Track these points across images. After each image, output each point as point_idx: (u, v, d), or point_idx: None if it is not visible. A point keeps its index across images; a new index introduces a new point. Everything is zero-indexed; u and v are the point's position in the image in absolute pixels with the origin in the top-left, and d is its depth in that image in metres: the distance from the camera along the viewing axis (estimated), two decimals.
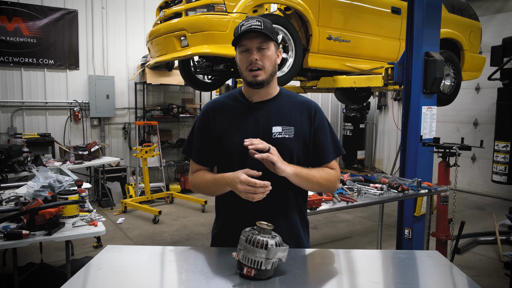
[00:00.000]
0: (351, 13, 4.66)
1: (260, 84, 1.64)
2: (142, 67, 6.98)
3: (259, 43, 1.62)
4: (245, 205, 1.62)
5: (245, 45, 1.62)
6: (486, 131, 7.75)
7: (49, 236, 2.61)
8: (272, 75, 1.68)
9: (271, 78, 1.68)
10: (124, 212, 6.21)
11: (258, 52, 1.62)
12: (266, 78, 1.64)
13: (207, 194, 1.78)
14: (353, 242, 5.14)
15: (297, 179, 1.60)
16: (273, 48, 1.66)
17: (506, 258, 4.48)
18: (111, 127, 7.20)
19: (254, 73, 1.62)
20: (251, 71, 1.62)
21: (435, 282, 1.40)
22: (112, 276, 1.40)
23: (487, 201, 7.46)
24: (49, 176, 3.36)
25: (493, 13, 7.73)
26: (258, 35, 1.61)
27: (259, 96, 1.70)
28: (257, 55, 1.61)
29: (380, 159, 9.96)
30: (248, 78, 1.64)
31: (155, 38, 4.24)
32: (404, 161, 3.98)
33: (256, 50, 1.62)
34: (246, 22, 1.63)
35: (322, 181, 1.66)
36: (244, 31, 1.60)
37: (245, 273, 1.36)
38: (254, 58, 1.61)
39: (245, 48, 1.62)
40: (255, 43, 1.61)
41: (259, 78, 1.62)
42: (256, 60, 1.61)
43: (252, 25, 1.60)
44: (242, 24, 1.63)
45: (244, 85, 1.74)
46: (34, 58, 6.31)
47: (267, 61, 1.63)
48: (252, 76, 1.62)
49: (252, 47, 1.61)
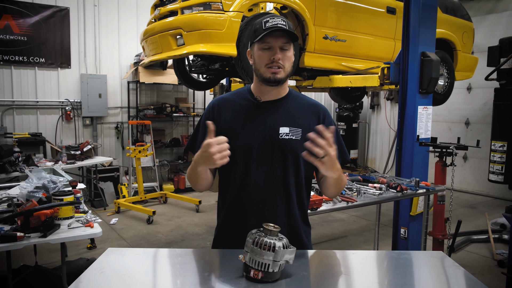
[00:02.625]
0: (347, 13, 4.66)
1: (278, 82, 1.62)
2: (135, 66, 6.91)
3: (283, 43, 1.59)
4: (246, 204, 1.61)
5: (269, 42, 1.59)
6: (477, 130, 7.84)
7: (45, 238, 2.57)
8: (289, 75, 1.66)
9: (287, 78, 1.66)
10: (117, 212, 6.14)
11: (280, 51, 1.59)
12: (284, 77, 1.62)
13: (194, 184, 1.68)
14: (348, 241, 5.15)
15: (336, 180, 1.58)
16: (293, 50, 1.64)
17: (499, 256, 4.53)
18: (104, 126, 7.12)
19: (274, 71, 1.59)
20: (270, 68, 1.60)
21: (442, 283, 1.40)
22: (116, 280, 1.37)
23: (478, 199, 7.54)
24: (42, 177, 3.31)
25: (485, 13, 7.81)
26: (283, 35, 1.58)
27: (268, 95, 1.68)
28: (280, 55, 1.59)
29: (373, 158, 10.02)
30: (266, 74, 1.61)
31: (150, 36, 4.19)
32: (400, 160, 3.99)
33: (279, 49, 1.59)
34: (271, 19, 1.59)
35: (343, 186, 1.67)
36: (271, 28, 1.56)
37: (252, 275, 1.33)
38: (278, 58, 1.58)
39: (269, 45, 1.59)
40: (279, 42, 1.58)
41: (278, 76, 1.60)
42: (279, 60, 1.59)
43: (278, 23, 1.57)
44: (267, 21, 1.58)
45: (255, 83, 1.70)
46: (25, 56, 6.20)
47: (287, 62, 1.62)
48: (271, 72, 1.60)
49: (276, 46, 1.59)
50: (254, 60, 1.65)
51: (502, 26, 7.48)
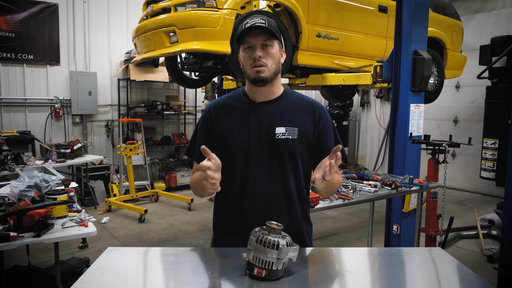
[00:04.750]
0: (340, 11, 4.68)
1: (263, 81, 1.60)
2: (126, 63, 6.84)
3: (263, 40, 1.58)
4: (246, 204, 1.61)
5: (249, 42, 1.59)
6: (465, 128, 7.96)
7: (38, 238, 2.53)
8: (276, 73, 1.64)
9: (275, 77, 1.64)
10: (108, 211, 6.08)
11: (262, 49, 1.59)
12: (269, 75, 1.61)
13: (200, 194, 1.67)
14: (341, 238, 5.19)
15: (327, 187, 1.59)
16: (277, 47, 1.62)
17: (488, 251, 4.61)
18: (94, 124, 7.04)
19: (258, 69, 1.58)
20: (254, 68, 1.59)
21: (444, 279, 1.42)
22: (118, 280, 1.36)
23: (466, 196, 7.66)
24: (34, 176, 3.26)
25: (473, 13, 7.91)
26: (262, 32, 1.58)
27: (262, 96, 1.67)
28: (261, 52, 1.58)
29: (363, 155, 10.09)
30: (251, 74, 1.61)
31: (143, 33, 4.14)
32: (392, 158, 4.03)
33: (260, 47, 1.59)
34: (250, 19, 1.60)
35: (337, 187, 1.69)
36: (248, 28, 1.57)
37: (256, 274, 1.34)
38: (258, 55, 1.58)
39: (249, 45, 1.59)
40: (259, 40, 1.58)
41: (262, 74, 1.59)
42: (260, 57, 1.58)
43: (256, 22, 1.57)
44: (246, 22, 1.59)
45: (247, 84, 1.70)
46: (13, 53, 6.09)
47: (271, 59, 1.60)
48: (256, 72, 1.59)
49: (256, 44, 1.58)
50: (241, 62, 1.65)
51: (489, 25, 7.59)
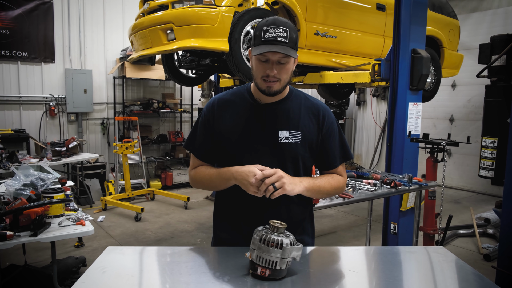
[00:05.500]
0: (338, 9, 4.66)
1: (273, 94, 1.56)
2: (121, 61, 6.79)
3: (281, 57, 1.47)
4: (247, 205, 1.59)
5: (266, 55, 1.49)
6: (461, 127, 7.99)
7: (35, 237, 2.50)
8: (287, 84, 1.59)
9: (285, 87, 1.59)
10: (104, 210, 6.04)
11: (277, 65, 1.50)
12: (280, 88, 1.55)
13: (209, 189, 1.74)
14: (338, 237, 5.19)
15: (308, 193, 1.58)
16: (293, 60, 1.53)
17: (485, 250, 4.63)
18: (89, 122, 6.98)
19: (269, 84, 1.52)
20: (265, 82, 1.52)
21: (449, 278, 1.41)
22: (119, 280, 1.33)
23: (462, 195, 7.70)
24: (30, 174, 3.22)
25: (469, 12, 7.94)
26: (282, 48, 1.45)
27: (268, 98, 1.61)
28: (276, 69, 1.50)
29: (359, 154, 10.11)
30: (261, 85, 1.54)
31: (139, 31, 4.10)
32: (390, 156, 4.03)
33: (276, 63, 1.49)
34: (271, 28, 1.46)
35: (331, 190, 1.66)
36: (269, 42, 1.45)
37: (259, 273, 1.32)
38: (273, 73, 1.49)
39: (265, 58, 1.49)
40: (277, 57, 1.47)
41: (273, 89, 1.53)
42: (275, 75, 1.50)
43: (278, 35, 1.45)
44: (267, 30, 1.47)
45: (254, 86, 1.64)
46: (7, 50, 6.02)
47: (285, 74, 1.52)
48: (266, 86, 1.53)
49: (273, 60, 1.49)
50: (252, 66, 1.58)
51: (486, 24, 7.62)
